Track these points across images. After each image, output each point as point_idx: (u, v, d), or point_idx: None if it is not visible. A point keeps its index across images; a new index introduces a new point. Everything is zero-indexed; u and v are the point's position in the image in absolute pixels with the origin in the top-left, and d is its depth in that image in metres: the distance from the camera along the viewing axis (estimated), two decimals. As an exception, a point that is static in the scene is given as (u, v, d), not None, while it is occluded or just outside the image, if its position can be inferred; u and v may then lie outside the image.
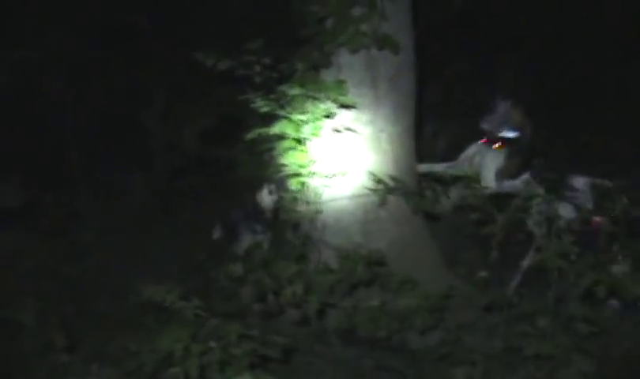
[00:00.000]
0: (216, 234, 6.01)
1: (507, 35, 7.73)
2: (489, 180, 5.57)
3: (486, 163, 5.67)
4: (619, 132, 7.06)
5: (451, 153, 6.05)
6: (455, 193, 5.56)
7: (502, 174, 5.63)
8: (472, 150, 5.79)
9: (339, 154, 5.22)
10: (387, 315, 4.57)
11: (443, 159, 6.05)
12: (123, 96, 7.49)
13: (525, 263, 4.85)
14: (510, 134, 5.64)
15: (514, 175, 5.63)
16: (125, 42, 7.50)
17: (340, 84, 5.13)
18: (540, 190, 4.89)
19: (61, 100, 7.35)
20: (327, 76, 5.23)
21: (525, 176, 5.61)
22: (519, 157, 5.65)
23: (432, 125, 7.13)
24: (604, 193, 5.25)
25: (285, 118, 5.05)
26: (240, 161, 6.43)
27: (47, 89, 7.44)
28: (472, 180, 5.22)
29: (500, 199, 4.97)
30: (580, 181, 5.50)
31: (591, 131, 7.10)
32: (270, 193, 5.76)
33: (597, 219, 5.16)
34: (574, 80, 7.54)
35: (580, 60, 7.64)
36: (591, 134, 7.07)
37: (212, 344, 3.90)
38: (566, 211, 5.04)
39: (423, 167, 5.72)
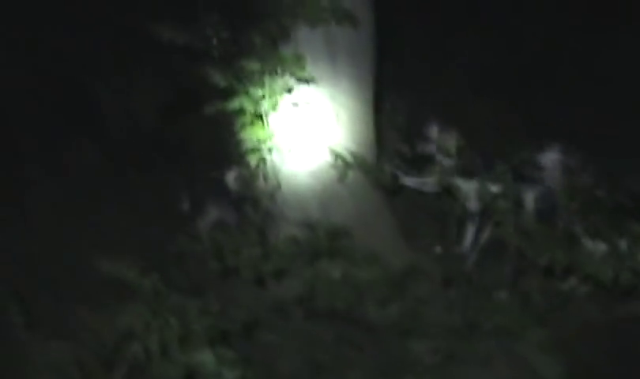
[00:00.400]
0: (184, 206, 6.00)
1: (465, 5, 7.74)
2: None
3: None
4: (581, 105, 7.09)
5: (410, 128, 6.07)
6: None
7: None
8: None
9: (298, 129, 5.21)
10: (347, 287, 4.59)
11: (402, 134, 6.08)
12: (74, 66, 7.35)
13: (483, 237, 4.90)
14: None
15: None
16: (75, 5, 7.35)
17: (298, 58, 5.13)
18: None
19: (7, 70, 7.21)
20: (285, 50, 5.21)
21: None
22: None
23: (391, 99, 7.13)
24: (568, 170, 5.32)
25: (244, 92, 5.03)
26: (198, 136, 6.39)
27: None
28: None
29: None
30: (547, 158, 5.54)
31: (552, 105, 7.11)
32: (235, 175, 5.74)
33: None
34: (534, 53, 7.56)
35: (541, 31, 7.66)
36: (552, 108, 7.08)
37: (172, 320, 3.89)
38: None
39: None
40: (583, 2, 7.57)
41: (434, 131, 5.94)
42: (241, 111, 5.10)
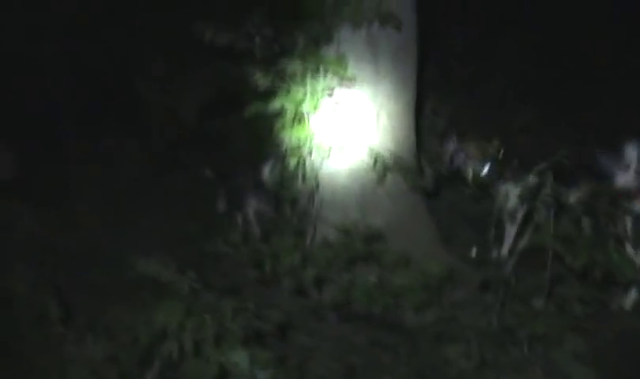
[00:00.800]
0: (223, 206, 6.04)
1: (507, 11, 7.69)
2: None
3: None
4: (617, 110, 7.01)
5: (451, 132, 6.03)
6: None
7: None
8: None
9: (338, 130, 5.20)
10: (383, 291, 4.58)
11: (443, 138, 6.04)
12: (120, 64, 7.42)
13: (522, 242, 4.85)
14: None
15: None
16: (123, 8, 7.42)
17: (340, 58, 5.11)
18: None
19: (54, 69, 7.29)
20: (328, 50, 5.20)
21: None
22: None
23: (432, 102, 7.10)
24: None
25: (285, 92, 5.04)
26: (238, 136, 6.43)
27: (39, 56, 7.36)
28: None
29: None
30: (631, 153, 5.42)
31: (590, 109, 7.05)
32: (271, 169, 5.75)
33: None
34: (574, 57, 7.49)
35: (580, 37, 7.59)
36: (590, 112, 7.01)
37: (207, 318, 3.90)
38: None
39: None
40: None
41: (473, 135, 5.89)
42: (282, 111, 5.11)
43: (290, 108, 5.08)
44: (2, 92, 6.93)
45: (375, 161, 5.15)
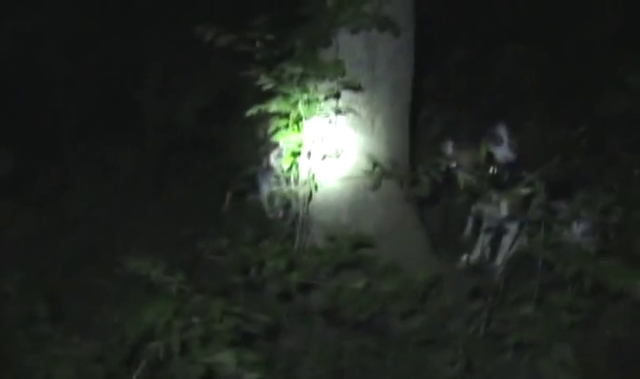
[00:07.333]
0: (227, 204, 6.08)
1: (506, 23, 7.70)
2: None
3: None
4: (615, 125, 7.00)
5: (445, 140, 6.03)
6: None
7: None
8: None
9: (334, 134, 5.21)
10: (370, 297, 4.57)
11: (438, 144, 6.05)
12: (118, 69, 7.46)
13: (512, 250, 4.86)
14: None
15: None
16: (121, 14, 7.46)
17: (338, 63, 5.10)
18: None
19: (54, 72, 7.35)
20: (325, 55, 5.20)
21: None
22: None
23: (427, 110, 7.10)
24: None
25: (284, 95, 5.04)
26: (235, 139, 6.44)
27: (40, 60, 7.42)
28: None
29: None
30: (502, 130, 5.51)
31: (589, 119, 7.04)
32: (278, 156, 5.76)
33: None
34: (571, 71, 7.49)
35: (578, 52, 7.59)
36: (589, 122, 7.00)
37: (195, 319, 3.91)
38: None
39: None
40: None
41: (468, 142, 5.89)
42: (279, 114, 5.11)
43: (287, 111, 5.07)
44: (5, 97, 6.99)
45: (370, 166, 5.15)
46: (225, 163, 6.38)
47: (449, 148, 5.81)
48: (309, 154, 5.14)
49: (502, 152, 5.57)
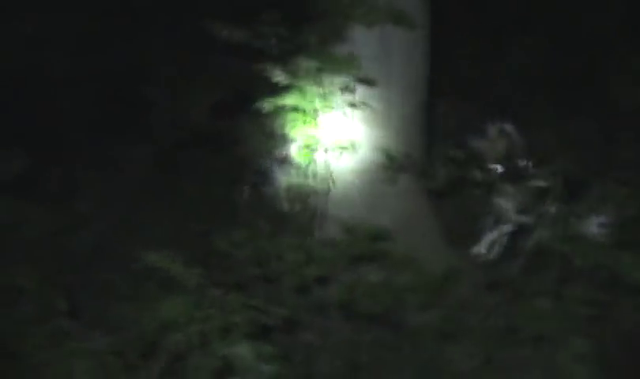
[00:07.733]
0: (244, 197, 6.10)
1: (519, 16, 7.68)
2: None
3: None
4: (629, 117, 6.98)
5: (460, 133, 6.03)
6: None
7: None
8: None
9: (349, 128, 5.22)
10: (386, 291, 4.58)
11: (454, 138, 6.04)
12: (127, 67, 7.46)
13: (529, 243, 4.85)
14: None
15: None
16: (131, 10, 7.46)
17: (352, 58, 5.11)
18: None
19: (64, 72, 7.35)
20: (340, 50, 5.21)
21: None
22: None
23: (442, 104, 7.09)
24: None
25: (299, 89, 5.04)
26: (247, 134, 6.43)
27: (51, 61, 7.43)
28: None
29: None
30: (516, 124, 5.51)
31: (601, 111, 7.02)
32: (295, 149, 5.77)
33: None
34: (582, 64, 7.46)
35: (589, 45, 7.56)
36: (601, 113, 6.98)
37: (214, 312, 3.93)
38: None
39: None
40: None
41: (485, 135, 5.88)
42: (294, 109, 5.12)
43: (302, 106, 5.08)
44: (14, 97, 7.01)
45: (386, 160, 5.16)
46: (238, 158, 6.37)
47: (464, 142, 5.80)
48: (325, 148, 5.16)
49: (517, 145, 5.56)
